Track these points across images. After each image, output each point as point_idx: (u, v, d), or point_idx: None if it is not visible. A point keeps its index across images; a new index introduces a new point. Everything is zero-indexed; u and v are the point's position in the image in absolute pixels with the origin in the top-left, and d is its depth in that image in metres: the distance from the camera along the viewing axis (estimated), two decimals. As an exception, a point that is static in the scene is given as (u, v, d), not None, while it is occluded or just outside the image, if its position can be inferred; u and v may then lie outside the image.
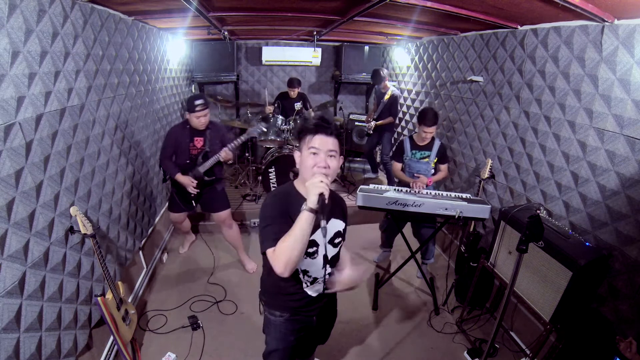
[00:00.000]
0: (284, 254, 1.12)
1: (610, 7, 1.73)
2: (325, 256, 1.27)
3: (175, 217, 3.06)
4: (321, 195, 1.11)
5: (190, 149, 2.72)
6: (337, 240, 1.44)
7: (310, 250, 1.34)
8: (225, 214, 2.96)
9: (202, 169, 2.71)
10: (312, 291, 1.46)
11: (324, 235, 1.11)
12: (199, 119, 2.59)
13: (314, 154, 1.23)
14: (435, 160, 2.86)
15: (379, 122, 4.20)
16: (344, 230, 1.47)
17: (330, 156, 1.25)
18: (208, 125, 2.70)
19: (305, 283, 1.43)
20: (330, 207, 1.31)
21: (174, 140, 2.70)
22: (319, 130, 1.24)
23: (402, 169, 2.98)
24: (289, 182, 1.39)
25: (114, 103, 2.39)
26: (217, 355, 2.30)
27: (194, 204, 2.91)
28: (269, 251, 1.17)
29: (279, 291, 1.47)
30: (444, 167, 2.91)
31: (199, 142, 2.73)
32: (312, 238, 1.25)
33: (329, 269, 1.37)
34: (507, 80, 2.71)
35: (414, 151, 2.89)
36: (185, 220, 3.20)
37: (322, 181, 1.13)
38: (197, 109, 2.54)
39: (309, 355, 1.94)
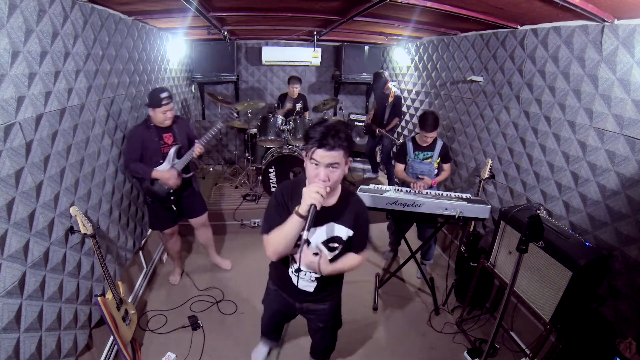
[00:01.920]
0: (272, 244, 1.33)
1: (610, 7, 1.73)
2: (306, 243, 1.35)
3: (166, 232, 2.72)
4: (312, 205, 1.18)
5: (162, 148, 2.43)
6: (332, 245, 1.44)
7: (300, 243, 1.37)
8: (205, 216, 2.85)
9: (179, 166, 2.48)
10: (296, 279, 1.53)
11: (302, 246, 1.28)
12: (166, 114, 2.34)
13: (316, 164, 1.24)
14: (438, 161, 2.86)
15: (389, 127, 4.18)
16: (351, 238, 1.45)
17: (332, 168, 1.24)
18: (173, 119, 2.46)
19: (291, 268, 1.53)
20: (335, 212, 1.40)
21: (139, 143, 2.36)
22: (321, 145, 1.21)
23: (405, 170, 2.98)
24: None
25: (114, 103, 2.39)
26: (217, 355, 2.30)
27: (174, 208, 2.60)
28: (264, 236, 1.36)
29: (275, 265, 1.62)
30: (446, 166, 2.90)
31: (168, 138, 2.46)
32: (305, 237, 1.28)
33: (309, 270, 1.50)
34: (507, 80, 2.71)
35: (416, 152, 2.88)
36: (175, 234, 2.80)
37: (318, 192, 1.18)
38: (164, 102, 2.29)
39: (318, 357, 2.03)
